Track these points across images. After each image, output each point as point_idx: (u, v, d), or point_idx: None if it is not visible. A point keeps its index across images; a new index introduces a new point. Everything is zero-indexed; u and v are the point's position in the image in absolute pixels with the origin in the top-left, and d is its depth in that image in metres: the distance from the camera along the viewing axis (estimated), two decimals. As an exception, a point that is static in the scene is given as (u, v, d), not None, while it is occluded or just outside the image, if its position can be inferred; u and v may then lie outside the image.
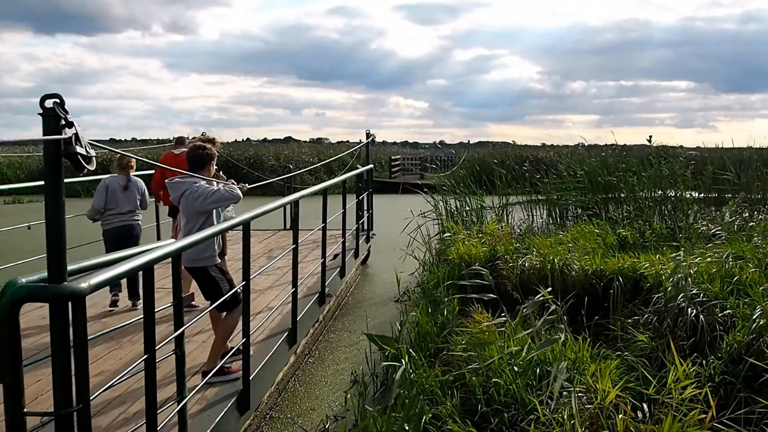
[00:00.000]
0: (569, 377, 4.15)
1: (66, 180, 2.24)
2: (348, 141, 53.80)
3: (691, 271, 5.79)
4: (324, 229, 7.04)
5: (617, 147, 13.73)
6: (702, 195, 10.68)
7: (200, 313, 5.25)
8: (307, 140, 69.92)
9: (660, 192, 9.84)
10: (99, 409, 3.97)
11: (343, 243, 8.60)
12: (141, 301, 6.52)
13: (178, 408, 3.32)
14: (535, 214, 11.40)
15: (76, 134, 2.18)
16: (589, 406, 3.82)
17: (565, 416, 3.71)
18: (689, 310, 5.16)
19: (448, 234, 9.89)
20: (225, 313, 4.69)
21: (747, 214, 9.22)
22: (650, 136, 11.44)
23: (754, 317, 4.76)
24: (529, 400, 4.13)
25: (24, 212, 17.74)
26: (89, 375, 2.26)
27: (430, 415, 4.18)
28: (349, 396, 5.29)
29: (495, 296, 5.68)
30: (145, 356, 2.81)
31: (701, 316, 5.11)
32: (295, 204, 5.89)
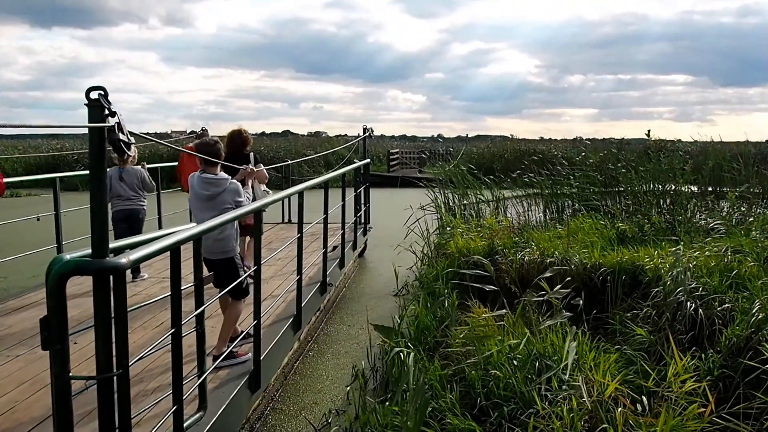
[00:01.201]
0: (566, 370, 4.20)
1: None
2: (346, 135, 53.56)
3: (690, 265, 5.82)
4: (325, 220, 7.16)
5: (615, 141, 13.77)
6: (700, 189, 10.69)
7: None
8: (306, 134, 69.97)
9: (659, 186, 9.87)
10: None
11: (343, 235, 8.70)
12: (140, 274, 7.32)
13: (199, 382, 3.46)
14: (533, 208, 11.41)
15: (119, 123, 2.33)
16: (588, 399, 3.83)
17: (565, 410, 3.73)
18: (688, 303, 5.18)
19: (448, 227, 9.91)
20: (232, 300, 4.78)
21: (745, 208, 9.24)
22: (648, 130, 11.53)
23: (753, 311, 4.78)
24: (529, 393, 4.13)
25: (23, 206, 17.83)
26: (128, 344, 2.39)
27: (430, 408, 4.17)
28: (350, 390, 5.34)
29: (495, 287, 5.71)
30: (172, 330, 2.95)
31: (700, 310, 5.14)
32: (300, 195, 6.02)
